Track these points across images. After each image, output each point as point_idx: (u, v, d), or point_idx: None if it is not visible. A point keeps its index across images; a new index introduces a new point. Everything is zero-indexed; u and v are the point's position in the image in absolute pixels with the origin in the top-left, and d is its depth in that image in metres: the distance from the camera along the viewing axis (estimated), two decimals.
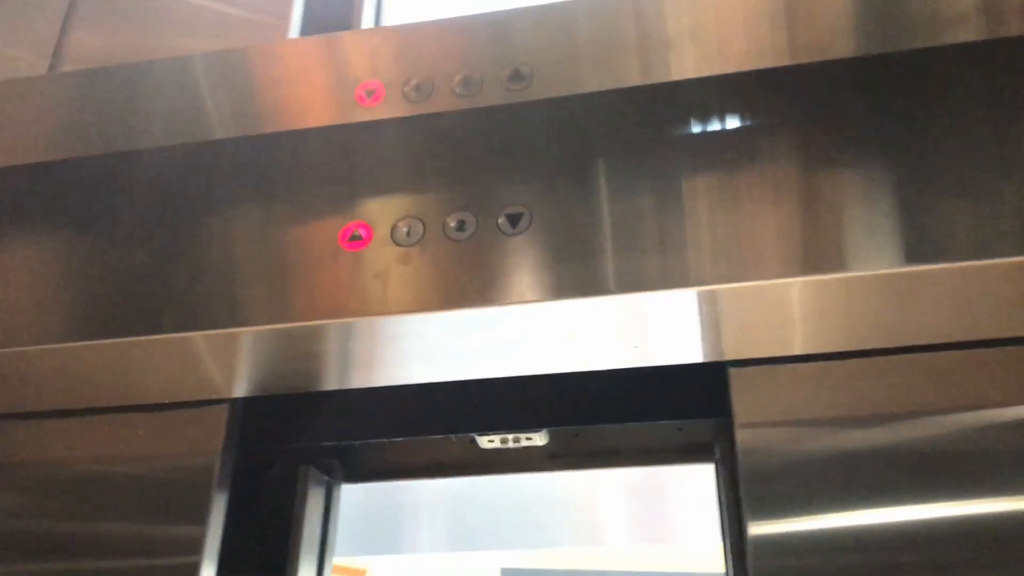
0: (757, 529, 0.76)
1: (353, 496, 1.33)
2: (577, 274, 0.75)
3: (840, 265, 0.71)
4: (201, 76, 0.97)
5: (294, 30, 1.17)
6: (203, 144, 0.91)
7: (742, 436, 0.80)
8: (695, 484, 1.25)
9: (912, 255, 0.70)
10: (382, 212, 0.82)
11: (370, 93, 0.90)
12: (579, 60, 0.87)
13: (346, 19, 1.24)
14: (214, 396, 0.91)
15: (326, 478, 1.04)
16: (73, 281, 0.86)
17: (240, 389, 0.90)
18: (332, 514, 1.03)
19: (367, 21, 1.26)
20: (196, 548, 0.85)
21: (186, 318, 0.81)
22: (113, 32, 1.20)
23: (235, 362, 0.85)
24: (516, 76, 0.87)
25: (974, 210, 0.71)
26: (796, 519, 0.76)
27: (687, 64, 0.84)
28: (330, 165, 0.87)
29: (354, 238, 0.81)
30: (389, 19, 1.32)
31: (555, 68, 0.87)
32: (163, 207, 0.88)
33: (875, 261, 0.70)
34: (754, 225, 0.74)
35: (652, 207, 0.77)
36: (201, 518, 0.86)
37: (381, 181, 0.85)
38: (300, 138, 0.89)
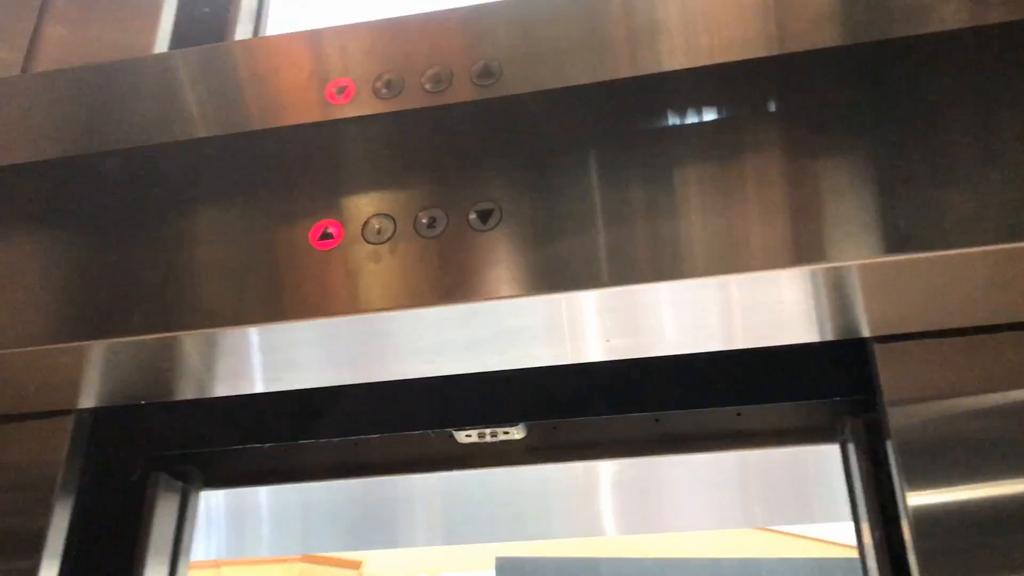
0: (919, 508, 0.74)
1: (348, 492, 1.33)
2: (547, 268, 0.75)
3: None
4: (173, 75, 0.97)
5: (161, 43, 1.15)
6: (172, 144, 0.91)
7: (894, 413, 0.78)
8: (678, 474, 1.25)
9: None
10: (353, 210, 0.82)
11: (341, 90, 0.89)
12: (549, 55, 0.86)
13: (219, 31, 1.23)
14: (60, 407, 0.95)
15: (180, 484, 1.04)
16: None
17: (88, 400, 0.94)
18: (188, 519, 1.04)
19: (243, 33, 1.25)
20: (36, 554, 0.88)
21: (153, 320, 0.81)
22: (86, 29, 1.18)
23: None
24: (486, 72, 0.86)
25: None
26: (960, 494, 0.75)
27: (660, 58, 0.84)
28: (300, 163, 0.87)
29: (325, 236, 0.81)
30: (270, 31, 1.31)
31: (524, 63, 0.86)
32: (117, 210, 0.88)
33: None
34: (746, 216, 0.74)
35: (622, 200, 0.77)
36: (42, 526, 0.90)
37: (351, 178, 0.85)
38: (271, 137, 0.89)
